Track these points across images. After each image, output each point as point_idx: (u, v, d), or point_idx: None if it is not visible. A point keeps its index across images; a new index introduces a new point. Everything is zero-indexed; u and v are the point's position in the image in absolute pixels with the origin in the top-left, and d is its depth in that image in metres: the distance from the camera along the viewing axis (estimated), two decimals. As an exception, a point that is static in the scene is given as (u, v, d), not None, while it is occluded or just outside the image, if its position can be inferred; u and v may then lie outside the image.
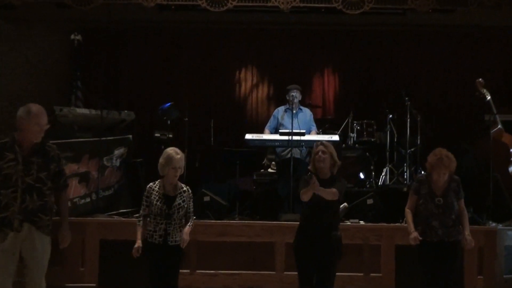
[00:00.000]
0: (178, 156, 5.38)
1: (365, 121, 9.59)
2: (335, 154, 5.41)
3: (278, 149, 8.46)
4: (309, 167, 5.54)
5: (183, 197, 5.43)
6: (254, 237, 7.25)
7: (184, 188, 5.50)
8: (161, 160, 5.42)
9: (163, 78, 11.03)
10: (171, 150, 5.45)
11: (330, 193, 5.19)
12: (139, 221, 5.46)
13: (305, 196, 5.23)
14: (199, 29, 11.03)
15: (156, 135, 9.14)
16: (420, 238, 5.39)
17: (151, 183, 5.51)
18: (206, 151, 9.95)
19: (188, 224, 5.44)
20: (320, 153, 5.36)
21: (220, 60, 11.11)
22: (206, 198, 7.99)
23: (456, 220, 5.50)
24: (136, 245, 5.33)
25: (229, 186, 9.03)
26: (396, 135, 9.51)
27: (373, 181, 9.27)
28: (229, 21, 10.73)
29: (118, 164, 8.58)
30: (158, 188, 5.42)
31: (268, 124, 8.68)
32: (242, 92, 11.26)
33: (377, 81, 11.08)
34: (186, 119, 8.92)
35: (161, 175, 5.44)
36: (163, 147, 7.13)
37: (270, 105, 10.89)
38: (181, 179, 5.59)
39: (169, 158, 5.35)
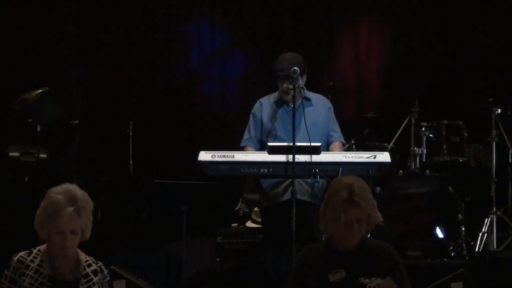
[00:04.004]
0: (70, 210, 5.23)
1: (445, 121, 9.72)
2: (373, 201, 5.54)
3: (266, 183, 8.36)
4: (319, 227, 5.67)
5: (92, 284, 5.46)
6: None
7: (94, 266, 5.50)
8: (39, 210, 5.38)
9: (35, 43, 11.37)
10: (60, 193, 5.34)
11: None
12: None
13: None
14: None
15: (11, 154, 9.27)
16: None
17: (22, 253, 5.41)
18: (119, 186, 10.08)
19: None
20: (354, 209, 5.39)
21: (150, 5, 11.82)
22: (119, 285, 7.85)
23: None
24: None
25: (166, 257, 9.37)
26: (511, 150, 9.63)
27: (464, 245, 9.24)
28: None
29: None
30: (39, 266, 5.35)
31: (247, 134, 8.66)
32: (196, 64, 11.81)
33: (467, 42, 11.57)
34: (76, 121, 9.31)
35: (42, 239, 5.42)
36: (27, 179, 7.29)
37: (249, 93, 11.21)
38: (84, 246, 5.49)
39: (53, 210, 5.28)
